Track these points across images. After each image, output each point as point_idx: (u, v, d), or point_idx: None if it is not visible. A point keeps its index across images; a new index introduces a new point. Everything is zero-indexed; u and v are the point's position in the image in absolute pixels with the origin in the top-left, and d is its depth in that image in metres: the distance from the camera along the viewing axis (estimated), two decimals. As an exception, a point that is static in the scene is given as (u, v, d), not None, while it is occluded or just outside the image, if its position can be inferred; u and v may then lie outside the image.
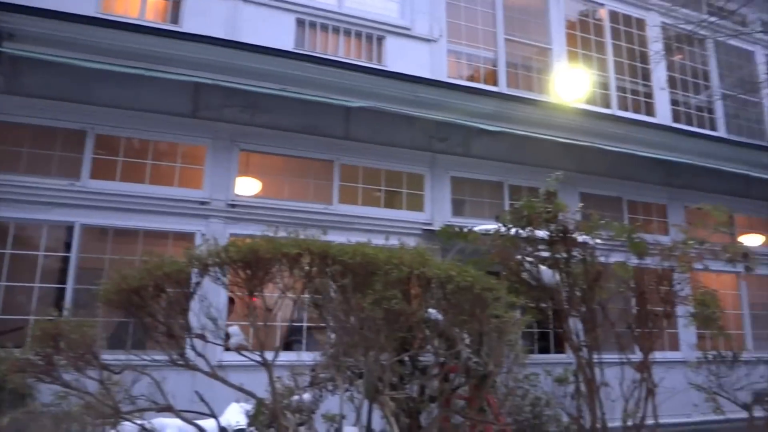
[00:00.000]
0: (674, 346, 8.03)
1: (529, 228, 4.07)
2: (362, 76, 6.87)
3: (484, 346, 3.03)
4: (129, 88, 6.13)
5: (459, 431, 3.79)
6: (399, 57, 7.60)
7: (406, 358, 3.73)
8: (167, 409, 2.93)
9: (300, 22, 7.26)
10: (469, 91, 7.58)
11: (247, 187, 6.82)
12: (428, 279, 2.83)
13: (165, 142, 6.48)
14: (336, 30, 7.47)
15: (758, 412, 4.67)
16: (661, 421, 4.51)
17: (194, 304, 3.10)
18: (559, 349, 7.24)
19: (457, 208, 7.58)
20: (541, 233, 4.04)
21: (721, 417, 4.59)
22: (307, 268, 2.80)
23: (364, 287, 2.70)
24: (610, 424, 4.24)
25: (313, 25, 7.34)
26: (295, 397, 3.76)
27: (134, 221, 6.01)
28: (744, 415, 4.82)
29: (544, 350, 7.32)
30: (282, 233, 2.96)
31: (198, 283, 2.99)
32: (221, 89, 6.37)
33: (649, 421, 3.87)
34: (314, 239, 2.79)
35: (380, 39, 7.66)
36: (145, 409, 2.94)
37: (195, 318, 3.12)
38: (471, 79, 8.22)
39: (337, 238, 3.47)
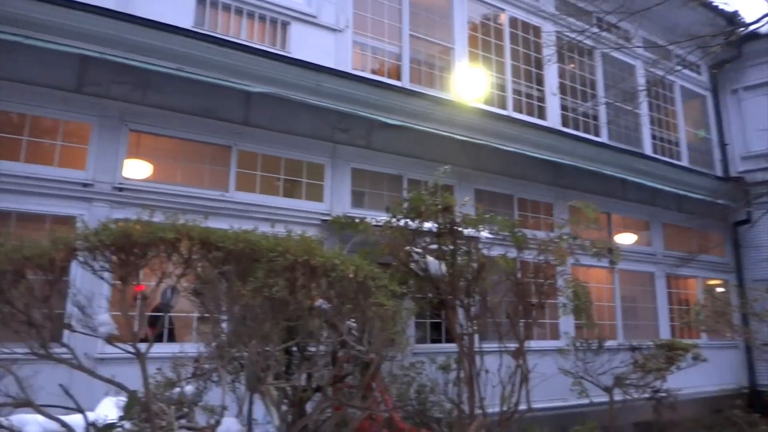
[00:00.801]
0: (555, 335, 8.59)
1: (418, 220, 4.17)
2: (265, 61, 6.70)
3: (365, 334, 3.07)
4: (5, 57, 5.59)
5: (348, 419, 3.84)
6: (303, 44, 7.51)
7: (294, 348, 3.71)
8: (26, 404, 2.71)
9: (201, 0, 6.96)
10: (372, 83, 7.63)
11: (137, 169, 6.46)
12: (313, 268, 2.82)
13: (45, 117, 5.98)
14: (239, 11, 7.24)
15: (618, 396, 5.10)
16: (537, 405, 4.83)
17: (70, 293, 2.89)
18: (451, 339, 7.50)
19: (357, 200, 7.63)
20: (430, 225, 4.16)
21: (586, 401, 4.99)
22: (186, 254, 2.70)
23: (247, 275, 2.64)
24: (490, 410, 4.47)
25: (214, 4, 7.07)
26: (177, 390, 3.63)
27: (6, 202, 5.51)
28: (607, 398, 5.26)
29: (436, 340, 7.58)
30: (161, 217, 2.82)
31: (63, 269, 2.79)
32: (110, 64, 5.96)
33: (523, 406, 4.11)
34: (194, 224, 2.69)
35: (285, 25, 7.52)
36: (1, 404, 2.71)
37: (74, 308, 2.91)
38: (375, 72, 8.29)
39: (233, 225, 3.38)
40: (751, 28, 9.16)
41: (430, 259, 4.14)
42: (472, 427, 3.62)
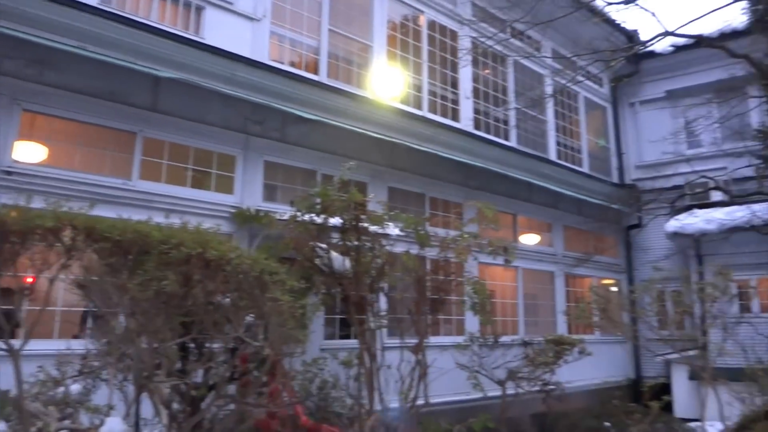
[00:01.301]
0: (462, 331, 8.88)
1: (324, 215, 4.18)
2: (176, 46, 6.44)
3: (260, 330, 3.05)
4: None
5: (246, 416, 3.78)
6: (218, 31, 7.28)
7: (191, 344, 3.61)
8: None
9: (108, -23, 6.58)
10: (289, 76, 7.53)
11: (30, 153, 6.02)
12: (208, 261, 2.76)
13: None
14: (150, -9, 6.91)
15: (510, 388, 5.38)
16: (438, 399, 4.99)
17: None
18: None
19: (270, 193, 7.52)
20: (335, 221, 4.18)
21: (484, 395, 5.21)
22: (69, 243, 2.55)
23: (136, 268, 2.54)
24: (390, 405, 4.56)
25: (122, -18, 6.71)
26: (61, 389, 3.45)
27: None
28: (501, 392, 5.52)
29: (345, 336, 7.61)
30: (48, 204, 2.66)
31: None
32: (3, 37, 5.52)
33: (421, 401, 4.23)
34: (78, 212, 2.55)
35: (199, 9, 7.27)
36: None
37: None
38: (293, 64, 8.20)
39: (136, 216, 3.23)
40: (648, 47, 9.89)
41: (334, 254, 4.16)
42: (368, 422, 3.68)
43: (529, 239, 11.09)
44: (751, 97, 10.53)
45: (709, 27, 11.40)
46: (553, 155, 11.51)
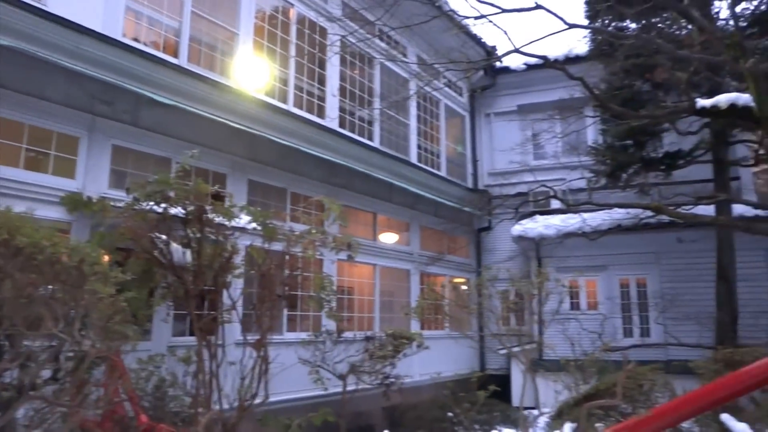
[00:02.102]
0: (318, 327, 8.94)
1: (164, 204, 4.00)
2: (14, 11, 5.79)
3: (77, 325, 2.85)
4: None
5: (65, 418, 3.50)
6: (65, 0, 6.66)
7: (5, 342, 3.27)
8: None
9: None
10: (145, 56, 7.07)
11: None
12: (17, 249, 2.52)
13: None
14: (-19, -53, 6.13)
15: (352, 383, 5.52)
16: (282, 397, 4.98)
17: None
18: (209, 331, 7.35)
19: (118, 180, 7.02)
20: (177, 211, 4.02)
21: (328, 390, 5.30)
22: None
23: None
24: (233, 403, 4.48)
25: (-56, -69, 5.87)
26: None
27: None
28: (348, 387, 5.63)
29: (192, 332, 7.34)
30: None
31: None
32: None
33: (261, 398, 4.21)
34: None
35: (42, -27, 6.59)
36: None
37: None
38: (150, 44, 7.72)
39: None
40: (498, 62, 10.66)
41: (174, 246, 3.99)
42: (203, 421, 3.59)
43: (388, 238, 11.47)
44: (587, 116, 11.80)
45: (557, 50, 12.63)
46: (414, 158, 12.00)
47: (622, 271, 12.00)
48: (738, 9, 9.04)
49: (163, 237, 4.00)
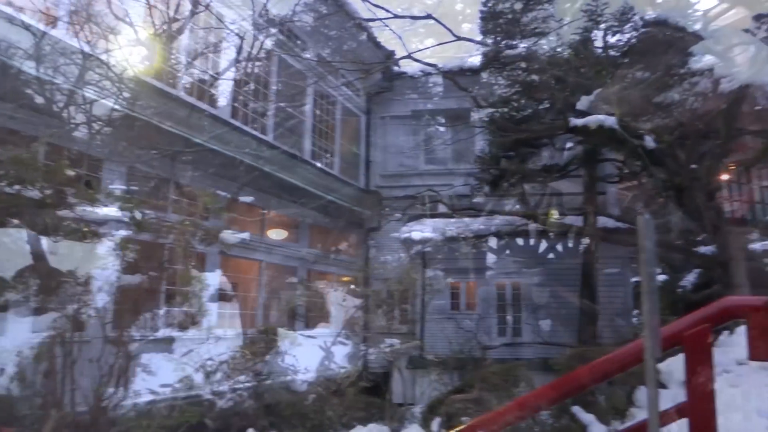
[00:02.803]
0: (194, 323, 8.63)
1: (17, 186, 3.68)
2: None
3: None
4: None
5: None
6: None
7: None
8: None
9: None
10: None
11: None
12: None
13: None
14: None
15: (224, 381, 5.36)
16: (146, 398, 4.73)
17: None
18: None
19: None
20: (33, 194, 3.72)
21: (192, 391, 5.13)
22: None
23: None
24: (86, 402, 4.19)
25: None
26: None
27: None
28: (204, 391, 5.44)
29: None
30: None
31: None
32: None
33: (121, 397, 4.00)
34: None
35: None
36: None
37: None
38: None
39: None
40: (392, 65, 10.89)
41: (30, 233, 3.68)
42: (50, 423, 3.33)
43: (277, 234, 11.33)
44: (474, 126, 12.36)
45: (453, 61, 13.10)
46: (308, 155, 11.92)
47: (499, 275, 12.70)
48: (612, 39, 9.87)
49: (15, 222, 3.66)
